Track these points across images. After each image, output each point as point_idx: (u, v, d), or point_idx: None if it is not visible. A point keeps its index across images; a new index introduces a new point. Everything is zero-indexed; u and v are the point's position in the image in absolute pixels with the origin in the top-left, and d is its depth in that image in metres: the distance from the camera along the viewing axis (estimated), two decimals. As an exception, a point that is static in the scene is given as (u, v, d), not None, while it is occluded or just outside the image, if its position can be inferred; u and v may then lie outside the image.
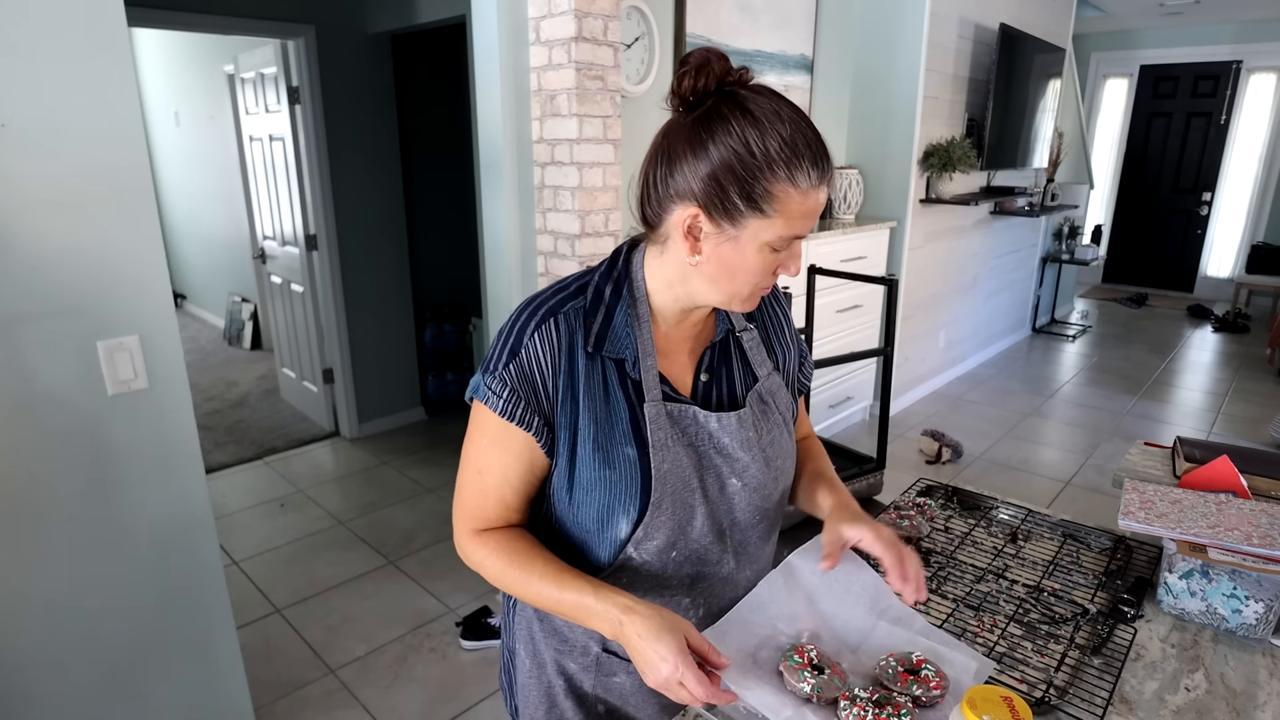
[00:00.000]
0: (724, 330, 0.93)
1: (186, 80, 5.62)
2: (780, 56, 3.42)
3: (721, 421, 0.88)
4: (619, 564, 0.87)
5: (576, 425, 0.84)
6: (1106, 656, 0.91)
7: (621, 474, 0.84)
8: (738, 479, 0.89)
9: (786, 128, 0.75)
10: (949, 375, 4.83)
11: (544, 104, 2.02)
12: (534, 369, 0.83)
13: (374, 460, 3.68)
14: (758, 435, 0.90)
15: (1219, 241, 7.18)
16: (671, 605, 0.90)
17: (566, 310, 0.84)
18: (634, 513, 0.84)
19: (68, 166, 1.28)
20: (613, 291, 0.86)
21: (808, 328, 2.15)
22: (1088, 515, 1.30)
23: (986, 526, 1.24)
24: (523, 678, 1.02)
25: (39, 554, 1.36)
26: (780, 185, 0.74)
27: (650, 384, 0.85)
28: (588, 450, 0.84)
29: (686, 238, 0.79)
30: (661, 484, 0.84)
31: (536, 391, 0.83)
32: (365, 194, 3.74)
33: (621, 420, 0.84)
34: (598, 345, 0.84)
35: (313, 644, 2.34)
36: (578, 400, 0.84)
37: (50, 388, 1.32)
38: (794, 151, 0.74)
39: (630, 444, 0.84)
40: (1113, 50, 7.24)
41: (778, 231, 0.76)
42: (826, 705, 0.76)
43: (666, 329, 0.89)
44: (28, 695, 1.40)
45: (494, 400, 0.83)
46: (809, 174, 0.75)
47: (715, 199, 0.76)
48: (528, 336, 0.83)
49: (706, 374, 0.91)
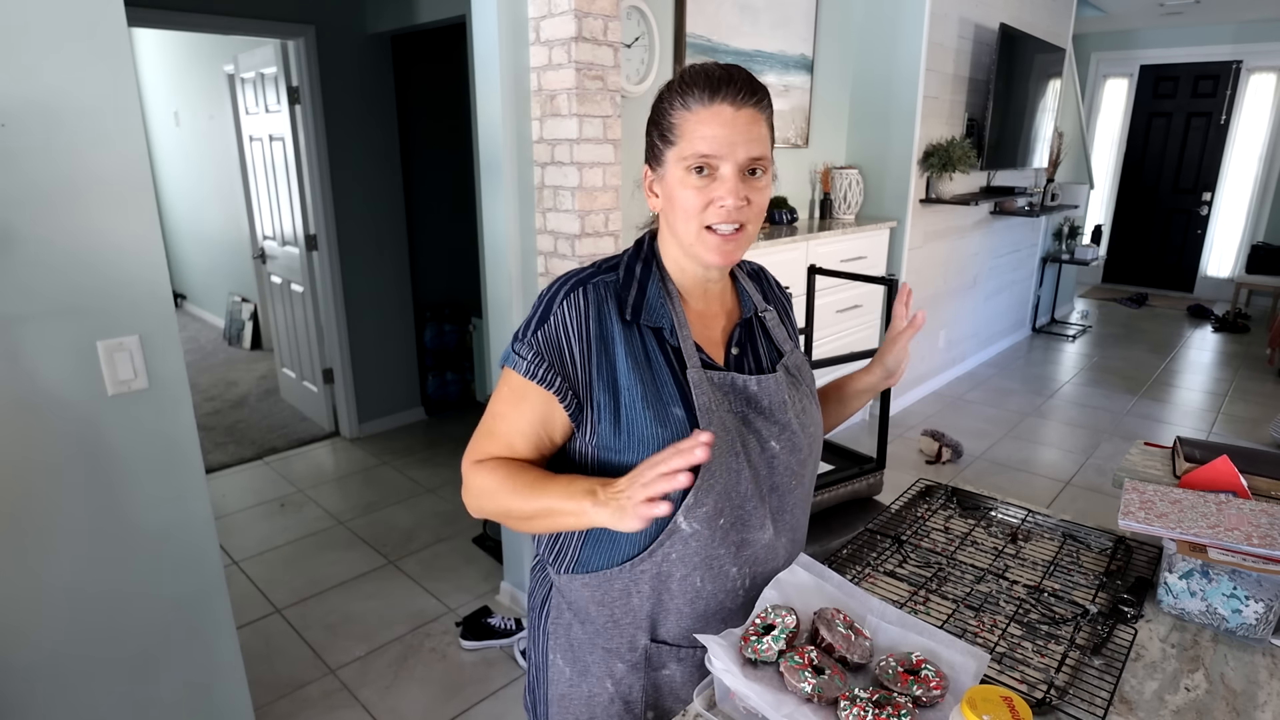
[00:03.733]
0: (750, 309, 0.99)
1: (186, 80, 5.62)
2: (780, 56, 3.42)
3: (761, 384, 0.93)
4: (667, 534, 0.89)
5: (617, 387, 0.88)
6: (1107, 657, 0.91)
7: (673, 433, 0.86)
8: (776, 441, 0.93)
9: (689, 71, 0.86)
10: (949, 375, 4.83)
11: (544, 104, 2.02)
12: (560, 335, 0.87)
13: (374, 460, 3.68)
14: (792, 400, 0.96)
15: (1219, 241, 7.18)
16: (720, 577, 0.92)
17: (596, 282, 0.90)
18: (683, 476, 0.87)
19: (68, 166, 1.28)
20: (643, 268, 0.93)
21: (808, 327, 2.16)
22: (1088, 515, 1.30)
23: (986, 527, 1.24)
24: (562, 689, 1.00)
25: (38, 554, 1.36)
26: (677, 113, 0.85)
27: (689, 351, 0.90)
28: (638, 409, 0.87)
29: (649, 195, 0.92)
30: (709, 447, 0.86)
31: (563, 356, 0.87)
32: (365, 194, 3.74)
33: (667, 383, 0.88)
34: (634, 314, 0.89)
35: (313, 644, 2.34)
36: (615, 364, 0.88)
37: (50, 388, 1.32)
38: (687, 83, 0.85)
39: (678, 404, 0.88)
40: (1113, 50, 7.24)
41: (684, 153, 0.84)
42: (826, 705, 0.76)
43: (695, 305, 0.95)
44: (27, 695, 1.39)
45: (520, 363, 0.88)
46: (699, 96, 0.84)
47: (650, 148, 0.90)
48: (557, 305, 0.88)
49: (737, 348, 0.96)
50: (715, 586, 0.93)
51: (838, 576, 0.94)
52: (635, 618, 0.93)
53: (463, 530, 3.00)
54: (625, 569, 0.92)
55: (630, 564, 0.91)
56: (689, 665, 0.95)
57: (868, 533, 1.21)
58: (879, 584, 1.07)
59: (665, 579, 0.91)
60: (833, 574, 0.94)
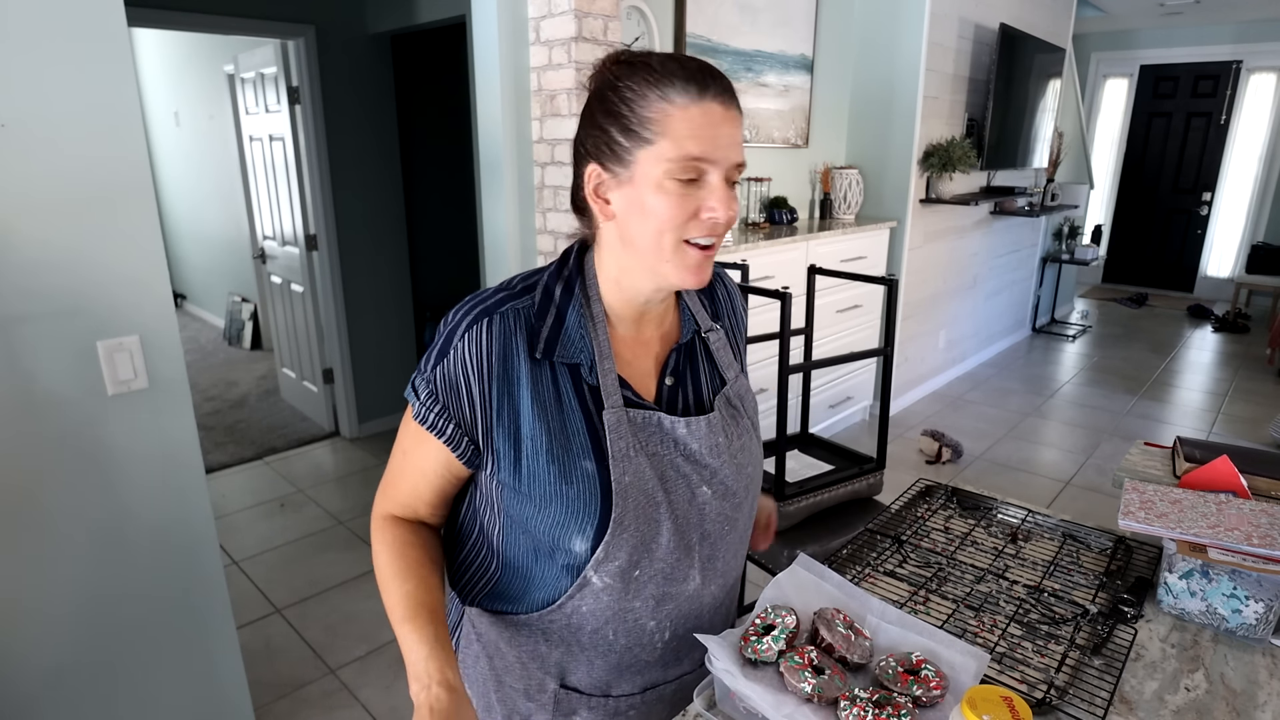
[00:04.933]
0: (690, 331, 0.87)
1: (186, 80, 5.62)
2: (780, 56, 3.42)
3: (690, 426, 0.82)
4: (577, 588, 0.81)
5: (519, 436, 0.77)
6: (1107, 657, 0.91)
7: (580, 490, 0.77)
8: (708, 487, 0.84)
9: (656, 59, 0.74)
10: (949, 375, 4.83)
11: (544, 104, 2.02)
12: (459, 374, 0.77)
13: (374, 460, 3.68)
14: (728, 440, 0.85)
15: (1219, 241, 7.18)
16: (636, 631, 0.84)
17: (505, 310, 0.78)
18: (591, 532, 0.78)
19: (68, 166, 1.28)
20: (564, 291, 0.80)
21: (808, 327, 2.16)
22: (1088, 515, 1.30)
23: (986, 527, 1.24)
24: None
25: (38, 554, 1.36)
26: (654, 106, 0.71)
27: (610, 389, 0.79)
28: (540, 463, 0.77)
29: (596, 201, 0.77)
30: (623, 499, 0.77)
31: (460, 398, 0.77)
32: (365, 194, 3.74)
33: (578, 431, 0.78)
34: (547, 349, 0.78)
35: (313, 644, 2.34)
36: (519, 409, 0.77)
37: (50, 388, 1.32)
38: (663, 72, 0.72)
39: (588, 457, 0.78)
40: (1113, 50, 7.24)
41: (667, 155, 0.71)
42: (827, 705, 0.76)
43: (624, 332, 0.83)
44: (27, 695, 1.40)
45: (416, 405, 0.80)
46: (683, 88, 0.71)
47: (603, 145, 0.74)
48: (458, 338, 0.77)
49: (672, 378, 0.85)
50: (630, 640, 0.85)
51: (838, 576, 0.94)
52: (544, 663, 0.87)
53: (463, 530, 3.00)
54: (533, 618, 0.85)
55: (539, 614, 0.85)
56: (600, 713, 0.89)
57: (868, 533, 1.21)
58: (879, 584, 1.07)
59: (575, 630, 0.84)
60: (833, 574, 0.94)
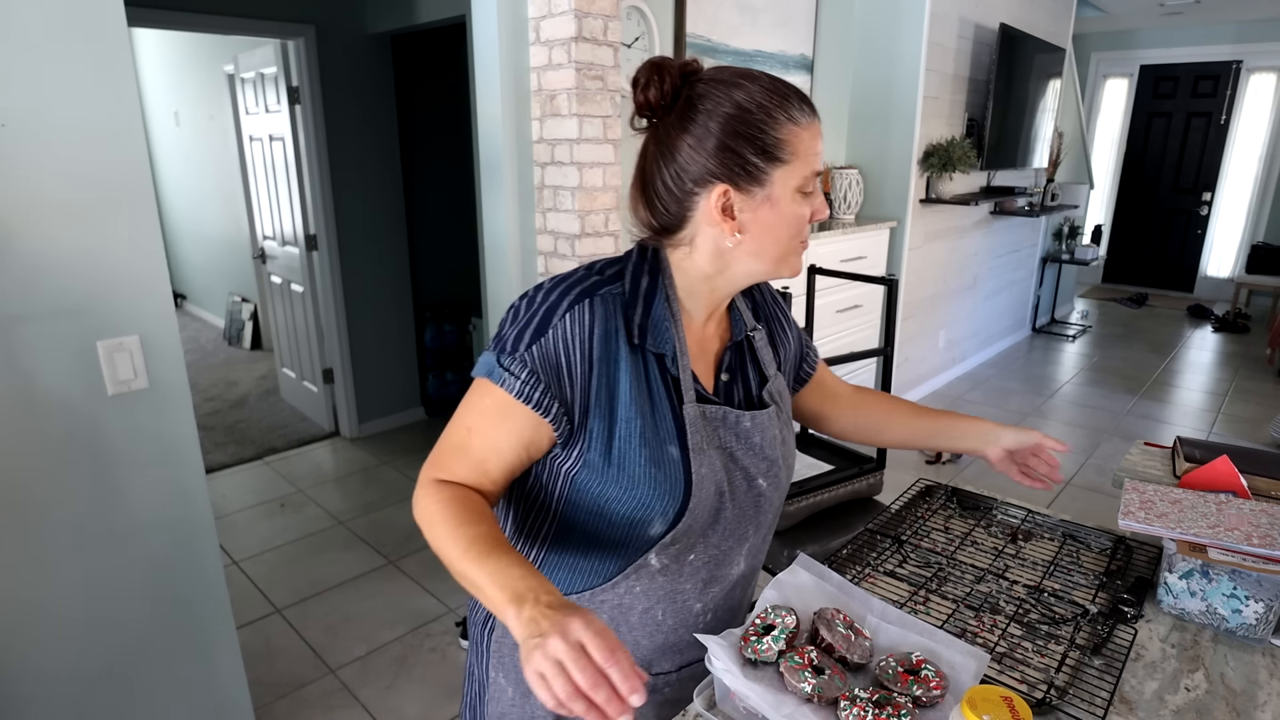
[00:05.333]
0: (741, 330, 0.92)
1: (186, 80, 5.62)
2: (780, 56, 3.42)
3: (755, 420, 0.87)
4: (635, 568, 0.84)
5: (614, 417, 0.80)
6: (1107, 657, 0.91)
7: (667, 474, 0.81)
8: (764, 479, 0.89)
9: (761, 80, 0.78)
10: (949, 375, 4.83)
11: (544, 104, 2.02)
12: (559, 352, 0.78)
13: (374, 460, 3.68)
14: (781, 434, 0.91)
15: (1219, 241, 7.18)
16: (684, 612, 0.89)
17: (604, 294, 0.80)
18: (672, 515, 0.82)
19: (68, 166, 1.28)
20: (649, 282, 0.83)
21: (808, 328, 2.16)
22: (1088, 515, 1.30)
23: (986, 527, 1.24)
24: (503, 707, 0.94)
25: (38, 554, 1.36)
26: (784, 128, 0.77)
27: (687, 383, 0.83)
28: (634, 445, 0.80)
29: (724, 218, 0.79)
30: (700, 487, 0.82)
31: (561, 376, 0.78)
32: (365, 194, 3.74)
33: (666, 418, 0.82)
34: (641, 336, 0.81)
35: (313, 644, 2.34)
36: (616, 390, 0.80)
37: (50, 388, 1.32)
38: (779, 94, 0.77)
39: (674, 443, 0.81)
40: (1113, 50, 7.24)
41: (801, 172, 0.79)
42: (826, 705, 0.76)
43: (692, 329, 0.88)
44: (27, 695, 1.40)
45: (511, 381, 0.78)
46: (801, 109, 0.78)
47: (735, 166, 0.77)
48: (558, 317, 0.78)
49: (727, 374, 0.89)
50: (677, 621, 0.89)
51: (838, 576, 0.94)
52: None
53: (463, 530, 3.00)
54: (584, 596, 0.87)
55: (590, 592, 0.86)
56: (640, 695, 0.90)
57: (868, 533, 1.21)
58: (879, 584, 1.07)
59: (626, 610, 0.87)
60: (833, 574, 0.94)
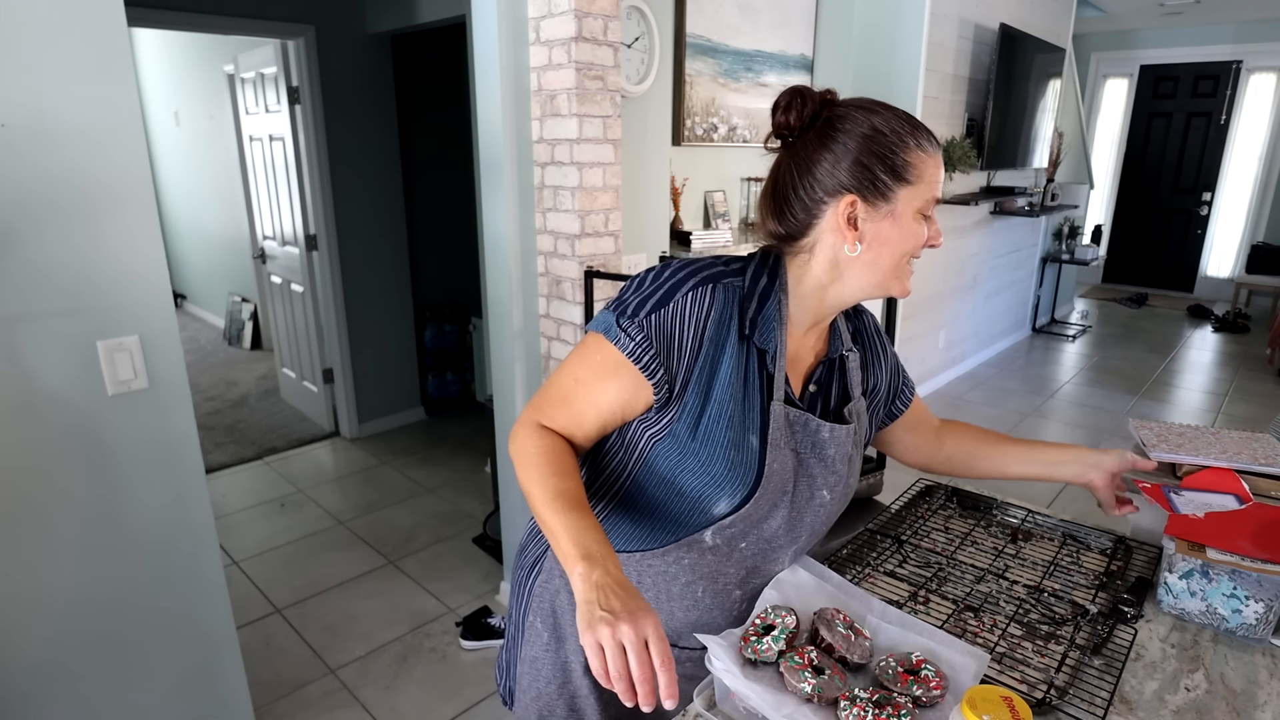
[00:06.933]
0: (838, 348, 0.96)
1: (186, 80, 5.62)
2: (780, 56, 3.42)
3: (833, 432, 0.91)
4: (690, 541, 0.88)
5: (709, 396, 0.85)
6: (1107, 657, 0.91)
7: (743, 458, 0.85)
8: (828, 491, 0.93)
9: (895, 109, 0.85)
10: (949, 375, 4.83)
11: (544, 104, 2.02)
12: (675, 325, 0.84)
13: (374, 460, 3.68)
14: (854, 451, 0.95)
15: (1219, 241, 7.18)
16: (722, 594, 0.92)
17: (726, 283, 0.86)
18: (738, 499, 0.86)
19: (68, 166, 1.28)
20: (768, 284, 0.88)
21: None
22: (1088, 515, 1.30)
23: (986, 527, 1.24)
24: (535, 651, 0.99)
25: (38, 554, 1.36)
26: (913, 153, 0.83)
27: (779, 382, 0.87)
28: (720, 426, 0.85)
29: (848, 227, 0.84)
30: (769, 480, 0.86)
31: (672, 347, 0.84)
32: (365, 194, 3.74)
33: (753, 408, 0.86)
34: (751, 329, 0.86)
35: (313, 644, 2.34)
36: (717, 373, 0.85)
37: (50, 388, 1.32)
38: (911, 124, 0.84)
39: (756, 433, 0.86)
40: (1113, 50, 7.24)
41: (924, 195, 0.84)
42: (826, 705, 0.76)
43: (795, 337, 0.92)
44: (27, 695, 1.40)
45: (625, 341, 0.84)
46: (930, 140, 0.84)
47: (866, 181, 0.83)
48: (681, 294, 0.85)
49: (815, 386, 0.94)
50: (714, 601, 0.93)
51: (838, 576, 0.94)
52: None
53: (463, 530, 3.00)
54: (634, 558, 0.91)
55: (640, 555, 0.91)
56: None
57: (868, 533, 1.21)
58: (879, 584, 1.07)
59: (670, 580, 0.91)
60: (833, 574, 0.95)
